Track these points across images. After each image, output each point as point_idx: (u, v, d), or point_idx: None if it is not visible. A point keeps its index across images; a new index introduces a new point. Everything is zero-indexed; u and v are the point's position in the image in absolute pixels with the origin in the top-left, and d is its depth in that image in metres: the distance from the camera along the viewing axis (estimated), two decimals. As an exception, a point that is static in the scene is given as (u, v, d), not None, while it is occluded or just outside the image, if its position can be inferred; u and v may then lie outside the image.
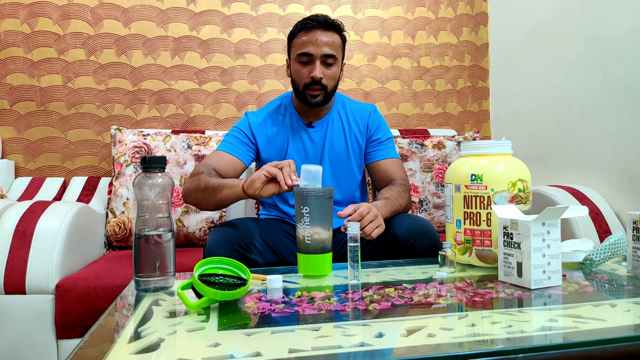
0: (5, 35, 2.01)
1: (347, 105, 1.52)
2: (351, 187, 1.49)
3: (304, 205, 1.04)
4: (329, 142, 1.45)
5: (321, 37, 1.34)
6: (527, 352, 0.61)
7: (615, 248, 1.09)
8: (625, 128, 1.72)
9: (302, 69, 1.36)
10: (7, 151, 2.02)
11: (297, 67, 1.37)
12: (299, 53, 1.35)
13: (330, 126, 1.46)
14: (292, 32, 1.40)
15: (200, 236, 1.81)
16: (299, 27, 1.37)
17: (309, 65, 1.35)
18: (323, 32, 1.35)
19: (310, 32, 1.35)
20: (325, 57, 1.35)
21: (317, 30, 1.34)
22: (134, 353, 0.63)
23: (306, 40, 1.34)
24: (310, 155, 1.44)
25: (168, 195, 0.96)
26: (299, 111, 1.46)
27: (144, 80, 2.13)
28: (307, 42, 1.34)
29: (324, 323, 0.73)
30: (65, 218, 1.42)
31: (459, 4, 2.45)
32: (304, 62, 1.36)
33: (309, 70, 1.35)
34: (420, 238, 1.22)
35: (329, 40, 1.35)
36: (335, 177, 1.46)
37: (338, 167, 1.46)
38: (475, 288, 0.92)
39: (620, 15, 1.73)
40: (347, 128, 1.47)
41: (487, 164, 1.09)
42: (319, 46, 1.33)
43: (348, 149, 1.46)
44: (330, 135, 1.46)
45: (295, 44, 1.38)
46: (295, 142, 1.44)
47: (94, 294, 1.31)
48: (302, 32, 1.36)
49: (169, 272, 0.95)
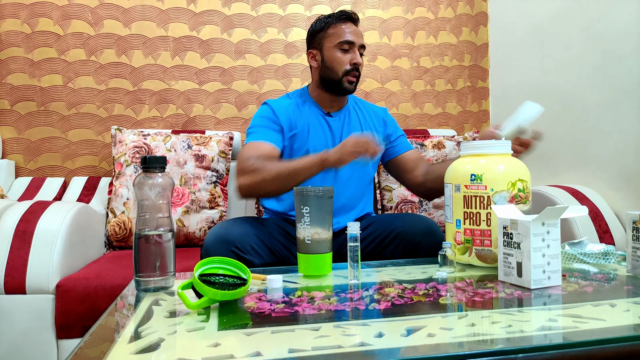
0: (6, 35, 2.01)
1: (359, 102, 1.59)
2: (364, 179, 1.52)
3: (304, 205, 1.04)
4: (347, 132, 1.49)
5: (356, 29, 1.45)
6: (527, 352, 0.61)
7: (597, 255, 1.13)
8: (625, 128, 1.72)
9: (344, 56, 1.43)
10: (7, 151, 2.02)
11: (337, 54, 1.43)
12: (340, 41, 1.42)
13: (348, 118, 1.51)
14: (324, 23, 1.46)
15: (200, 236, 1.82)
16: (335, 18, 1.45)
17: (349, 53, 1.43)
18: (356, 25, 1.46)
19: (348, 23, 1.44)
20: (361, 47, 1.45)
21: (351, 23, 1.45)
22: (134, 353, 0.63)
23: (346, 30, 1.43)
24: (329, 142, 1.47)
25: (168, 195, 0.96)
26: (318, 102, 1.50)
27: (144, 80, 2.13)
28: (347, 32, 1.43)
29: (324, 323, 0.73)
30: (65, 218, 1.42)
31: (458, 4, 2.45)
32: (344, 50, 1.43)
33: (350, 57, 1.42)
34: (428, 236, 1.26)
35: (361, 33, 1.48)
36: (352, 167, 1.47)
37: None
38: (475, 288, 0.92)
39: (620, 16, 1.73)
40: (363, 121, 1.54)
41: (486, 164, 1.09)
42: (358, 36, 1.44)
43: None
44: (348, 125, 1.50)
45: (333, 33, 1.44)
46: (315, 129, 1.46)
47: (94, 294, 1.32)
48: (339, 22, 1.44)
49: (169, 272, 0.95)
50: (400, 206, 2.00)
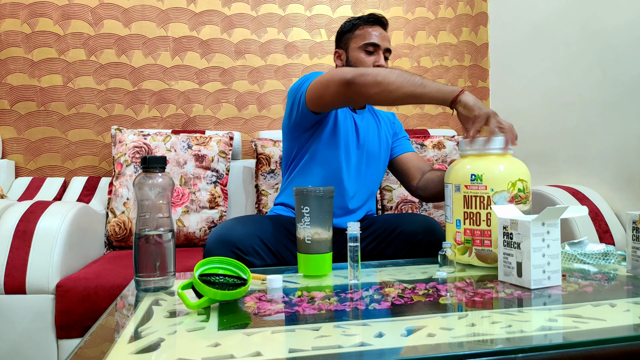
0: (6, 35, 2.01)
1: (370, 107, 1.59)
2: (375, 180, 1.53)
3: (304, 205, 1.04)
4: (366, 132, 1.50)
5: (383, 33, 1.46)
6: (527, 352, 0.61)
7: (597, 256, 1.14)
8: (625, 128, 1.72)
9: (367, 57, 1.44)
10: (7, 151, 2.02)
11: (362, 56, 1.44)
12: (366, 42, 1.43)
13: (367, 119, 1.53)
14: (352, 25, 1.48)
15: (200, 236, 1.82)
16: (364, 20, 1.46)
17: (373, 55, 1.44)
18: (383, 29, 1.47)
19: (375, 26, 1.46)
20: (386, 51, 1.46)
21: (379, 27, 1.46)
22: (134, 353, 0.63)
23: (372, 33, 1.44)
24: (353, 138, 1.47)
25: (168, 195, 0.96)
26: None
27: (144, 80, 2.13)
28: (373, 35, 1.44)
29: (324, 323, 0.73)
30: (65, 218, 1.42)
31: (458, 4, 2.45)
32: (369, 52, 1.44)
33: (374, 59, 1.43)
34: (429, 234, 1.27)
35: (388, 37, 1.49)
36: (368, 167, 1.49)
37: (371, 157, 1.51)
38: (475, 288, 0.92)
39: (620, 15, 1.73)
40: (378, 124, 1.55)
41: (487, 164, 1.09)
42: (383, 39, 1.45)
43: (380, 142, 1.53)
44: (367, 126, 1.51)
45: (360, 35, 1.45)
46: (345, 121, 1.47)
47: (94, 294, 1.31)
48: (367, 25, 1.45)
49: (169, 272, 0.95)
50: (400, 206, 2.00)
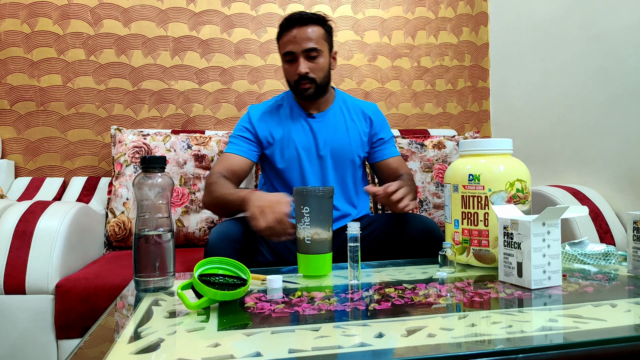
0: (5, 35, 2.01)
1: (349, 101, 1.56)
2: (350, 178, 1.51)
3: (304, 205, 1.04)
4: (331, 133, 1.48)
5: (299, 33, 1.38)
6: (527, 352, 0.61)
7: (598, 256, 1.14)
8: (626, 128, 1.72)
9: (289, 67, 1.42)
10: (7, 151, 2.02)
11: (285, 66, 1.45)
12: (283, 53, 1.42)
13: (332, 118, 1.50)
14: (277, 34, 1.45)
15: (200, 236, 1.81)
16: (282, 26, 1.43)
17: (294, 63, 1.41)
18: (301, 28, 1.39)
19: (290, 31, 1.40)
20: (308, 52, 1.39)
21: (294, 28, 1.39)
22: (134, 353, 0.63)
23: (287, 40, 1.40)
24: (312, 144, 1.46)
25: (168, 195, 0.96)
26: (300, 103, 1.50)
27: (143, 80, 2.13)
28: (287, 42, 1.40)
29: (324, 323, 0.73)
30: (65, 218, 1.42)
31: (459, 4, 2.45)
32: (289, 61, 1.42)
33: (295, 67, 1.40)
34: (428, 235, 1.27)
35: (308, 34, 1.39)
36: (336, 168, 1.48)
37: (339, 157, 1.49)
38: (475, 288, 0.92)
39: (621, 15, 1.73)
40: (348, 119, 1.51)
41: (486, 164, 1.09)
42: (298, 43, 1.38)
43: (350, 139, 1.49)
44: (332, 126, 1.49)
45: (280, 45, 1.44)
46: (297, 132, 1.46)
47: (94, 294, 1.31)
48: (283, 33, 1.42)
49: (169, 272, 0.95)
50: (400, 206, 2.00)
